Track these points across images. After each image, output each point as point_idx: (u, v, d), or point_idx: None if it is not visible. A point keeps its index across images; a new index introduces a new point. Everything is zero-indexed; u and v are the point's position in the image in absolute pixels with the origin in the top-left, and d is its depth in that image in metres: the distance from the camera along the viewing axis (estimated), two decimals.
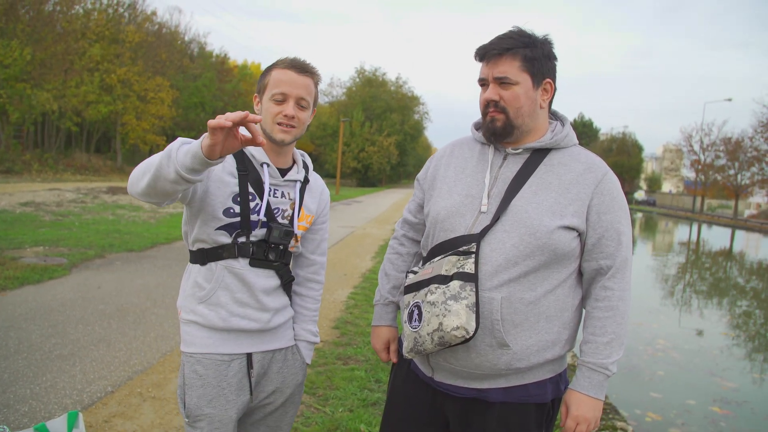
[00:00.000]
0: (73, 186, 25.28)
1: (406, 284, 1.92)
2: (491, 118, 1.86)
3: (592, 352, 1.82)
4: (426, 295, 1.78)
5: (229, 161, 1.97)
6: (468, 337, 1.68)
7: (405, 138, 68.98)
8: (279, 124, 1.95)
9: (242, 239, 1.96)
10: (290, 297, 2.19)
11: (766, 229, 40.69)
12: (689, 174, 59.71)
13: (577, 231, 1.81)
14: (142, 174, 1.71)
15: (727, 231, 39.58)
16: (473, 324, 1.68)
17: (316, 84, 2.05)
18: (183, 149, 1.63)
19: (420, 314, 1.78)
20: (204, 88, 46.73)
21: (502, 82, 1.82)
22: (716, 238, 33.61)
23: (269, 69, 2.02)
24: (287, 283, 2.13)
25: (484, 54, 1.85)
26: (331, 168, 59.48)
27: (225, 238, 1.95)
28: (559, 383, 1.92)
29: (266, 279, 2.03)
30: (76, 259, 8.83)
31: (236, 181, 1.95)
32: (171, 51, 42.12)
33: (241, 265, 1.97)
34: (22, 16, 29.04)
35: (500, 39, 1.84)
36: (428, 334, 1.74)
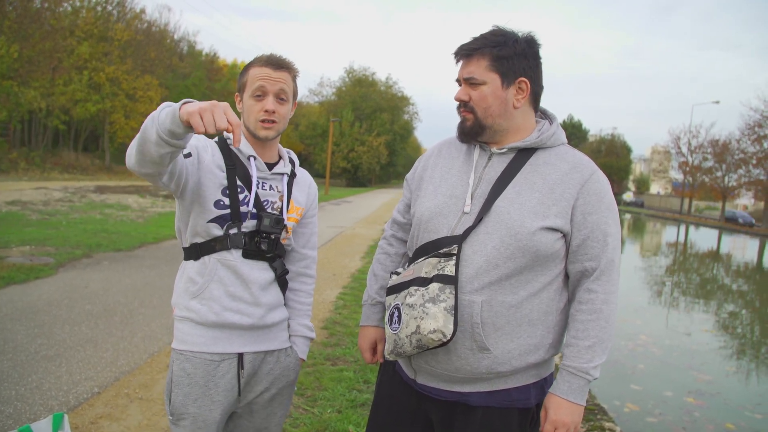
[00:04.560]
0: (61, 185, 25.12)
1: (388, 285, 1.92)
2: (462, 117, 1.88)
3: (573, 356, 1.77)
4: (406, 297, 1.78)
5: (217, 155, 2.01)
6: (445, 340, 1.66)
7: (395, 138, 68.95)
8: (262, 121, 2.00)
9: (234, 230, 1.97)
10: (284, 296, 2.18)
11: (752, 231, 41.01)
12: (677, 175, 60.14)
13: (561, 232, 1.78)
14: (134, 141, 1.73)
15: (714, 232, 39.88)
16: (451, 327, 1.66)
17: (293, 78, 2.08)
18: (165, 111, 1.63)
19: (400, 316, 1.77)
20: (193, 87, 46.59)
21: (471, 82, 1.83)
22: (703, 239, 33.85)
23: (247, 67, 2.07)
24: (281, 277, 2.13)
25: (456, 54, 1.88)
26: (321, 168, 59.36)
27: (217, 231, 1.97)
28: (545, 387, 1.88)
29: (260, 272, 2.03)
30: (63, 258, 8.77)
31: (224, 174, 1.99)
32: (160, 49, 41.90)
33: (234, 257, 1.98)
34: (9, 13, 28.75)
35: (471, 40, 1.85)
36: (407, 337, 1.73)
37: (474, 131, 1.86)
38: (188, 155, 1.92)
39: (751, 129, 44.30)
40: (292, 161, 2.23)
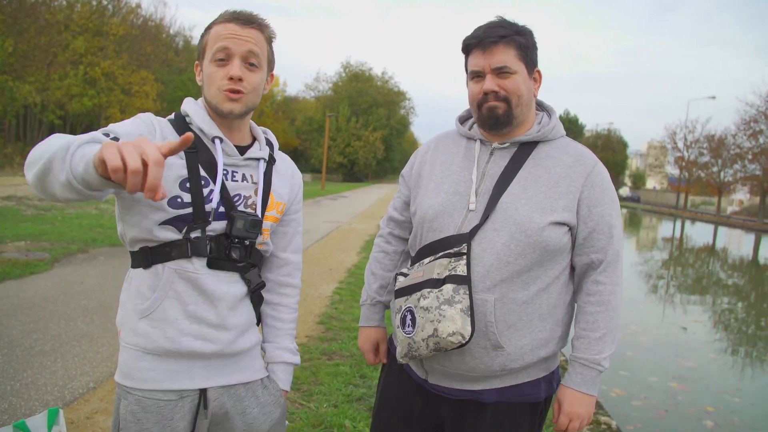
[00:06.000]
0: None
1: (396, 287, 1.84)
2: (491, 106, 1.78)
3: (584, 348, 1.79)
4: (419, 300, 1.73)
5: (170, 137, 1.59)
6: (464, 342, 1.65)
7: (391, 133, 68.93)
8: (226, 91, 1.59)
9: (196, 234, 1.56)
10: (258, 312, 1.79)
11: (748, 226, 41.13)
12: (673, 171, 60.22)
13: (568, 225, 1.77)
14: (38, 157, 1.28)
15: (710, 227, 39.97)
16: (469, 329, 1.64)
17: (268, 40, 1.66)
18: (81, 151, 1.22)
19: (413, 319, 1.73)
20: (189, 82, 46.29)
21: (502, 71, 1.75)
22: (699, 234, 33.95)
23: (208, 27, 1.64)
24: (256, 292, 1.73)
25: (478, 43, 1.77)
26: (317, 163, 59.29)
27: (173, 234, 1.55)
28: (552, 381, 1.89)
29: (229, 285, 1.62)
30: (58, 253, 8.74)
31: (183, 162, 1.55)
32: (156, 44, 41.76)
33: (196, 267, 1.56)
34: (4, 7, 28.60)
35: (491, 27, 1.77)
36: (423, 340, 1.70)
37: (507, 120, 1.79)
38: None
39: (746, 124, 44.34)
40: (269, 143, 1.79)
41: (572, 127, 77.38)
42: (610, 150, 70.32)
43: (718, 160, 49.38)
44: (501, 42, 1.75)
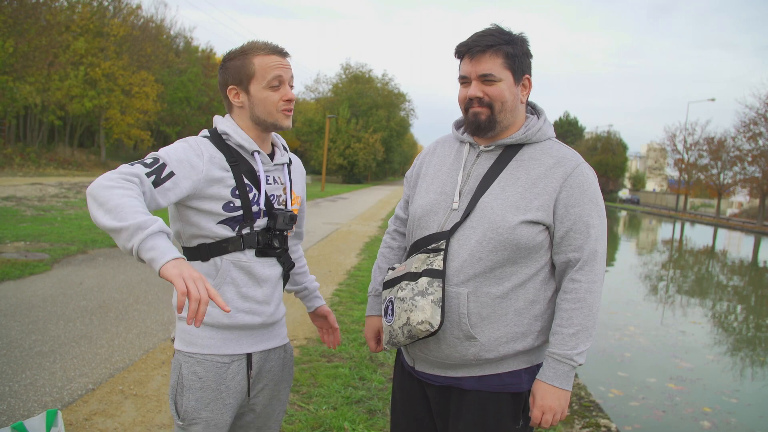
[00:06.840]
0: (56, 180, 25.02)
1: (384, 280, 2.03)
2: (475, 112, 1.90)
3: (558, 343, 1.85)
4: (397, 291, 1.90)
5: (217, 156, 1.91)
6: (433, 330, 1.78)
7: (391, 135, 68.88)
8: (284, 110, 1.97)
9: (246, 230, 1.93)
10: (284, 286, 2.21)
11: (747, 228, 41.14)
12: (673, 173, 60.18)
13: (544, 224, 1.85)
14: (110, 207, 1.59)
15: (710, 229, 40.00)
16: (438, 318, 1.77)
17: None
18: (152, 242, 1.53)
19: (393, 309, 1.90)
20: (189, 83, 46.42)
21: (487, 79, 1.86)
22: (699, 236, 33.97)
23: (247, 56, 1.95)
24: (287, 271, 2.13)
25: (467, 51, 1.89)
26: (317, 164, 59.31)
27: (227, 232, 1.92)
28: (536, 373, 1.94)
29: (271, 268, 2.02)
30: (57, 254, 8.74)
31: (230, 174, 1.91)
32: (156, 45, 41.72)
33: (248, 257, 1.95)
34: (5, 8, 28.56)
35: (481, 36, 1.88)
36: (399, 328, 1.86)
37: (490, 125, 1.91)
38: (170, 175, 1.78)
39: (746, 126, 44.33)
40: (285, 148, 2.19)
41: (572, 129, 77.39)
42: (609, 152, 70.14)
43: (718, 162, 49.38)
44: (488, 51, 1.86)
